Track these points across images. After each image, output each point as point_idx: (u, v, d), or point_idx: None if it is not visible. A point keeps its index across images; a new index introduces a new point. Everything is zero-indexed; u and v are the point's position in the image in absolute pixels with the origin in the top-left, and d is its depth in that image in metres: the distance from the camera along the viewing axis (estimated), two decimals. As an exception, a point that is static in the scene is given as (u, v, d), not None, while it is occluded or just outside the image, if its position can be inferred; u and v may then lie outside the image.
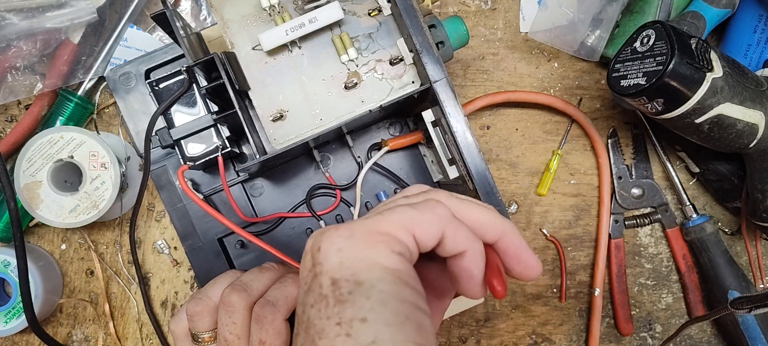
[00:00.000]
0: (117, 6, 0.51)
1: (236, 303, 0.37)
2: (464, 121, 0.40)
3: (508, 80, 0.56)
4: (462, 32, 0.45)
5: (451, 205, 0.29)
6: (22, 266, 0.43)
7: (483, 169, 0.40)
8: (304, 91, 0.42)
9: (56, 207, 0.47)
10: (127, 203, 0.52)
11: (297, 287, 0.38)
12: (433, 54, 0.40)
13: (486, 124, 0.56)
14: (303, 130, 0.42)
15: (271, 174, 0.51)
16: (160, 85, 0.44)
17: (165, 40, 0.52)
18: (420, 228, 0.27)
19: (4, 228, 0.50)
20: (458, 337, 0.55)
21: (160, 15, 0.39)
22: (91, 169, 0.47)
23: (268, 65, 0.42)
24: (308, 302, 0.26)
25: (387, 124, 0.52)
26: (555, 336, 0.57)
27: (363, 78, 0.43)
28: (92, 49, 0.50)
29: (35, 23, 0.47)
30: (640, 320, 0.58)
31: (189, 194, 0.42)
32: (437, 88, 0.40)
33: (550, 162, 0.56)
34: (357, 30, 0.43)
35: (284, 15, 0.42)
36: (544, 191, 0.56)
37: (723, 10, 0.52)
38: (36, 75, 0.49)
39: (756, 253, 0.58)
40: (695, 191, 0.58)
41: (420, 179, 0.52)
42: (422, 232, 0.27)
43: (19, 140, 0.50)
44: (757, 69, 0.52)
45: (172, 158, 0.50)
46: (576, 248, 0.57)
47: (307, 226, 0.52)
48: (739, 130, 0.46)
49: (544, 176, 0.56)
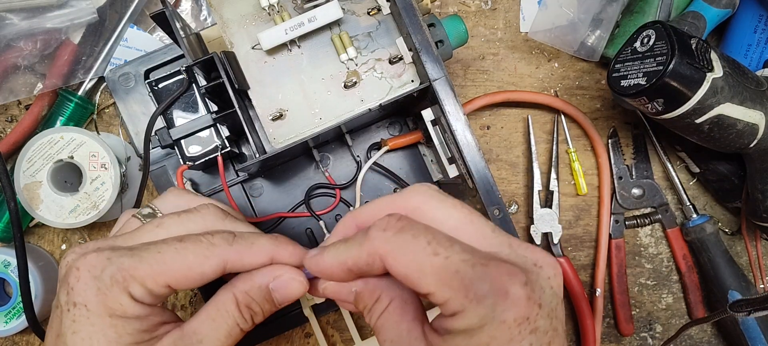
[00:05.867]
0: (117, 6, 0.51)
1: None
2: (464, 120, 0.40)
3: (508, 80, 0.56)
4: (461, 31, 0.45)
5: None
6: (22, 266, 0.43)
7: (483, 168, 0.40)
8: (304, 91, 0.42)
9: (56, 207, 0.47)
10: (127, 204, 0.52)
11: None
12: (432, 53, 0.40)
13: (486, 124, 0.56)
14: (302, 130, 0.42)
15: (270, 174, 0.51)
16: (159, 86, 0.44)
17: (165, 40, 0.52)
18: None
19: (4, 228, 0.50)
20: (458, 337, 0.55)
21: (159, 15, 0.39)
22: (91, 169, 0.47)
23: (267, 65, 0.42)
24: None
25: (386, 124, 0.52)
26: (555, 336, 0.57)
27: (362, 77, 0.43)
28: (92, 49, 0.50)
29: (35, 23, 0.47)
30: (641, 320, 0.58)
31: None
32: (436, 87, 0.40)
33: (572, 163, 0.56)
34: (356, 29, 0.43)
35: (283, 14, 0.42)
36: (584, 190, 0.57)
37: (723, 10, 0.52)
38: (36, 75, 0.50)
39: (756, 253, 0.58)
40: (695, 191, 0.58)
41: (419, 178, 0.52)
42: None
43: (19, 140, 0.50)
44: (757, 69, 0.52)
45: (172, 158, 0.50)
46: (576, 248, 0.57)
47: (307, 226, 0.52)
48: (740, 131, 0.46)
49: (574, 177, 0.57)
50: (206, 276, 0.29)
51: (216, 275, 0.29)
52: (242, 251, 0.30)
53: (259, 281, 0.30)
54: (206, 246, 0.29)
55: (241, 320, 0.30)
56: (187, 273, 0.28)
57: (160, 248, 0.29)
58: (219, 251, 0.29)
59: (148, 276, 0.28)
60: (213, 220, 0.32)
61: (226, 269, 0.30)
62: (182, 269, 0.28)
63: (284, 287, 0.31)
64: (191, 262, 0.28)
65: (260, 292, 0.30)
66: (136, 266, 0.28)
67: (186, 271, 0.28)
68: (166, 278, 0.28)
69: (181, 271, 0.28)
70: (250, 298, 0.30)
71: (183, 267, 0.28)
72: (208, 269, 0.29)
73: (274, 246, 0.31)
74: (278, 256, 0.31)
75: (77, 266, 0.28)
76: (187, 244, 0.29)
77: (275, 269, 0.31)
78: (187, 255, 0.28)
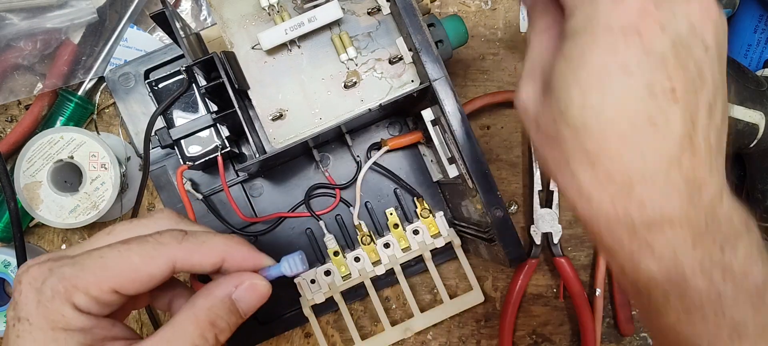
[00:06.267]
0: (117, 6, 0.51)
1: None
2: (464, 119, 0.40)
3: (508, 80, 0.56)
4: (461, 31, 0.45)
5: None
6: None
7: (483, 168, 0.40)
8: (304, 91, 0.42)
9: (56, 207, 0.47)
10: (127, 204, 0.52)
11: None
12: (432, 53, 0.40)
13: (486, 124, 0.56)
14: (302, 130, 0.42)
15: (270, 174, 0.51)
16: (159, 86, 0.44)
17: (165, 41, 0.52)
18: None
19: (4, 228, 0.50)
20: (458, 337, 0.55)
21: (159, 15, 0.39)
22: (91, 169, 0.47)
23: (267, 64, 0.42)
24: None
25: (386, 124, 0.52)
26: (555, 336, 0.57)
27: (362, 77, 0.43)
28: (92, 49, 0.50)
29: (35, 23, 0.47)
30: (641, 321, 0.58)
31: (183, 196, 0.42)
32: (436, 87, 0.40)
33: None
34: (356, 29, 0.43)
35: (283, 14, 0.42)
36: None
37: (723, 10, 0.52)
38: (36, 75, 0.50)
39: (757, 253, 0.58)
40: (696, 191, 0.58)
41: (419, 179, 0.52)
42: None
43: (19, 140, 0.50)
44: (757, 69, 0.52)
45: (172, 158, 0.50)
46: (576, 248, 0.57)
47: (307, 226, 0.52)
48: (739, 131, 0.46)
49: None
50: (155, 277, 0.28)
51: (165, 276, 0.28)
52: (192, 249, 0.29)
53: (220, 294, 0.29)
54: (152, 246, 0.28)
55: (202, 340, 0.28)
56: (132, 276, 0.27)
57: (102, 253, 0.28)
58: (166, 250, 0.28)
59: (91, 283, 0.27)
60: (166, 222, 0.31)
61: (176, 268, 0.29)
62: (127, 272, 0.27)
63: (248, 294, 0.30)
64: (136, 263, 0.28)
65: (224, 305, 0.29)
66: (77, 274, 0.27)
67: (131, 273, 0.27)
68: (111, 283, 0.27)
69: (125, 273, 0.27)
70: (213, 314, 0.29)
71: (128, 269, 0.27)
72: (156, 270, 0.28)
73: (227, 245, 0.30)
74: (231, 255, 0.30)
75: (20, 279, 0.27)
76: (132, 245, 0.28)
77: (235, 277, 0.30)
78: (131, 257, 0.28)
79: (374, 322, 0.55)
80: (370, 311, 0.54)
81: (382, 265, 0.50)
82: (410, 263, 0.51)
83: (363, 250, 0.50)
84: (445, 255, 0.53)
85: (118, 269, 0.27)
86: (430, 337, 0.55)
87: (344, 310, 0.50)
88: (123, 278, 0.27)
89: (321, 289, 0.50)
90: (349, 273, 0.50)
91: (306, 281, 0.50)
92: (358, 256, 0.50)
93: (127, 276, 0.28)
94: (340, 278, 0.50)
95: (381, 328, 0.51)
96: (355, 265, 0.50)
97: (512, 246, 0.41)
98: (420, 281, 0.55)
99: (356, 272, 0.50)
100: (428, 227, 0.50)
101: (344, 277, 0.50)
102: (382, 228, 0.52)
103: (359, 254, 0.50)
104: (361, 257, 0.50)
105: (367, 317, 0.55)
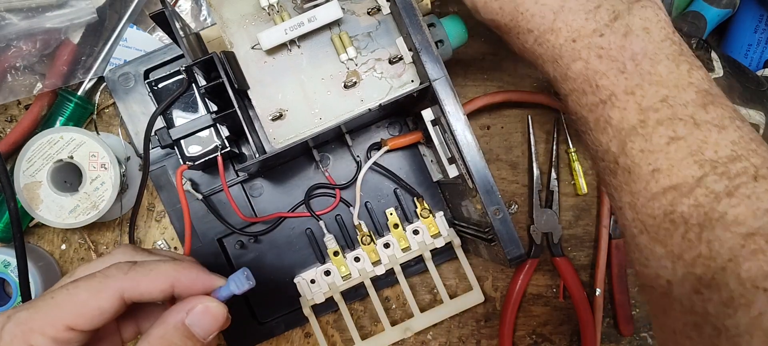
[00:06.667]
0: (117, 6, 0.51)
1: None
2: (464, 120, 0.40)
3: (508, 80, 0.56)
4: (461, 31, 0.45)
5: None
6: (22, 266, 0.43)
7: (483, 168, 0.40)
8: (304, 91, 0.42)
9: (56, 207, 0.47)
10: (127, 204, 0.52)
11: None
12: (432, 52, 0.40)
13: (486, 124, 0.56)
14: (302, 130, 0.42)
15: (270, 174, 0.51)
16: (158, 86, 0.44)
17: (165, 40, 0.52)
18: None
19: (4, 228, 0.50)
20: (458, 337, 0.55)
21: (159, 15, 0.39)
22: (90, 169, 0.47)
23: (267, 64, 0.42)
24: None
25: (386, 124, 0.52)
26: (555, 336, 0.57)
27: (362, 77, 0.43)
28: (92, 49, 0.50)
29: (35, 23, 0.47)
30: (641, 320, 0.58)
31: (182, 197, 0.42)
32: (436, 87, 0.40)
33: (572, 163, 0.56)
34: (356, 29, 0.43)
35: (283, 14, 0.42)
36: (584, 190, 0.56)
37: (723, 10, 0.52)
38: (36, 75, 0.49)
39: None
40: (696, 191, 0.58)
41: (419, 179, 0.52)
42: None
43: (19, 140, 0.50)
44: (757, 69, 0.52)
45: (172, 158, 0.50)
46: (576, 248, 0.57)
47: (307, 226, 0.52)
48: (740, 130, 0.46)
49: (574, 177, 0.56)
50: (105, 310, 0.29)
51: (115, 308, 0.29)
52: (138, 279, 0.30)
53: (172, 321, 0.30)
54: (99, 280, 0.29)
55: None
56: (82, 311, 0.29)
57: (53, 293, 0.29)
58: (112, 282, 0.29)
59: (46, 324, 0.28)
60: (120, 257, 0.32)
61: (125, 298, 0.29)
62: (76, 308, 0.29)
63: (201, 318, 0.30)
64: (84, 299, 0.29)
65: (177, 331, 0.30)
66: (32, 316, 0.28)
67: (80, 308, 0.29)
68: (64, 321, 0.28)
69: (76, 309, 0.28)
70: (167, 342, 0.29)
71: (77, 305, 0.29)
72: (105, 303, 0.29)
73: (175, 271, 0.30)
74: (179, 280, 0.30)
75: None
76: (80, 282, 0.29)
77: (187, 303, 0.30)
78: (79, 293, 0.29)
79: (374, 322, 0.55)
80: (370, 311, 0.55)
81: (382, 265, 0.50)
82: (410, 263, 0.51)
83: (363, 250, 0.50)
84: (445, 255, 0.53)
85: (67, 307, 0.29)
86: (430, 337, 0.55)
87: (344, 310, 0.50)
88: (73, 314, 0.29)
89: (321, 289, 0.50)
90: (349, 273, 0.50)
91: (306, 281, 0.50)
92: (358, 256, 0.50)
93: (77, 312, 0.29)
94: (340, 278, 0.50)
95: (381, 328, 0.51)
96: (355, 265, 0.50)
97: (512, 246, 0.41)
98: (420, 281, 0.55)
99: (356, 272, 0.50)
100: (428, 227, 0.50)
101: (344, 277, 0.50)
102: (382, 228, 0.52)
103: (359, 254, 0.50)
104: (361, 257, 0.50)
105: (367, 317, 0.55)
